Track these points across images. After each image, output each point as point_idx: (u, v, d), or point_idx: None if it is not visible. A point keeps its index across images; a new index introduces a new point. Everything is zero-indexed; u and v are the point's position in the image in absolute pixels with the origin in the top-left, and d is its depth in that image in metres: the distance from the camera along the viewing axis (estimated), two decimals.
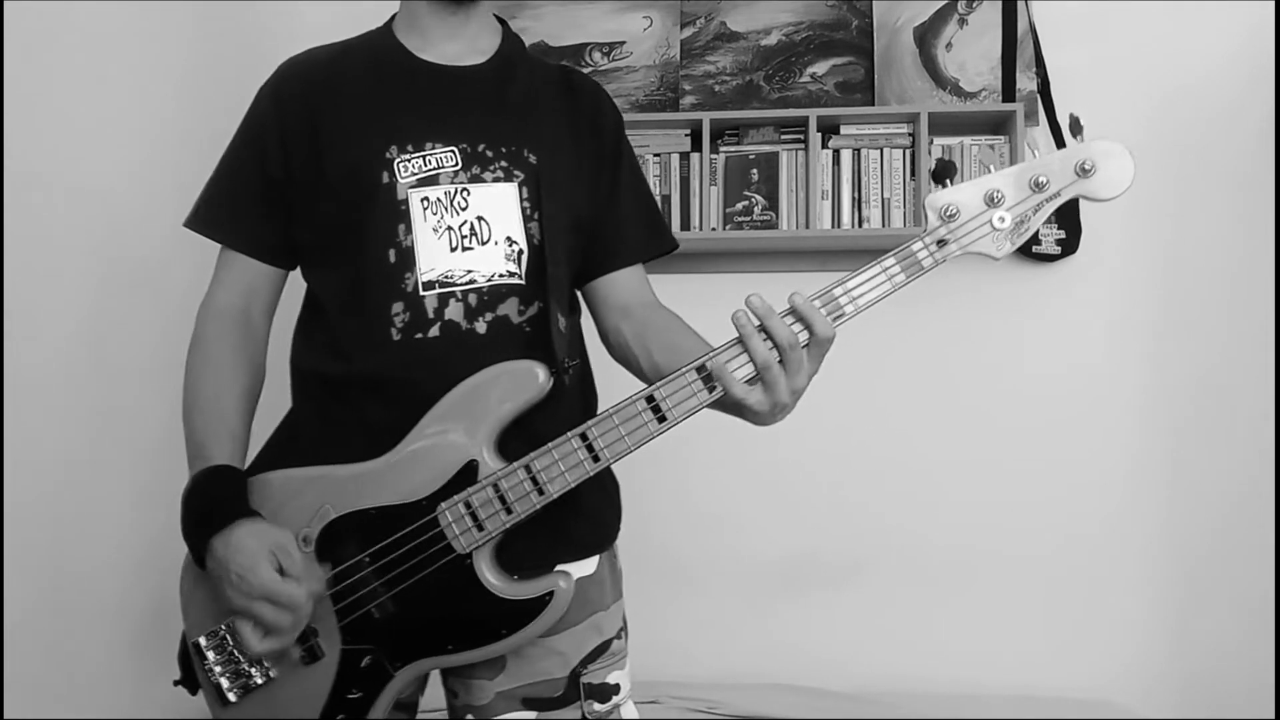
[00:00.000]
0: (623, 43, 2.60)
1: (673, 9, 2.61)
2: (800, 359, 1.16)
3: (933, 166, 1.24)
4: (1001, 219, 1.18)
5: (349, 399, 1.28)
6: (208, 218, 1.38)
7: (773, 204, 2.50)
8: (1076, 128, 1.18)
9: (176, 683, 1.29)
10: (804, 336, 1.16)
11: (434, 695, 1.41)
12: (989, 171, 1.20)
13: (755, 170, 2.50)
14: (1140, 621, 2.51)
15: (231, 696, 1.23)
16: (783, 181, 2.50)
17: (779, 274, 2.59)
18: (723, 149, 2.52)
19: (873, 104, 2.51)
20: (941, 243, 1.19)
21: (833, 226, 2.46)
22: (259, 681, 1.23)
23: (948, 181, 1.20)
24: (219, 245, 1.39)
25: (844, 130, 2.48)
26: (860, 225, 2.46)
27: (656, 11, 2.61)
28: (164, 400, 2.08)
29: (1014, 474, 2.55)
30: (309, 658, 1.23)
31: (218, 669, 1.24)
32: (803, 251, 2.59)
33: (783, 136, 2.51)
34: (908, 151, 2.44)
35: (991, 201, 1.18)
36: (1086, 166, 1.17)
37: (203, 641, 1.25)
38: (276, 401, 1.39)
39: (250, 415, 1.34)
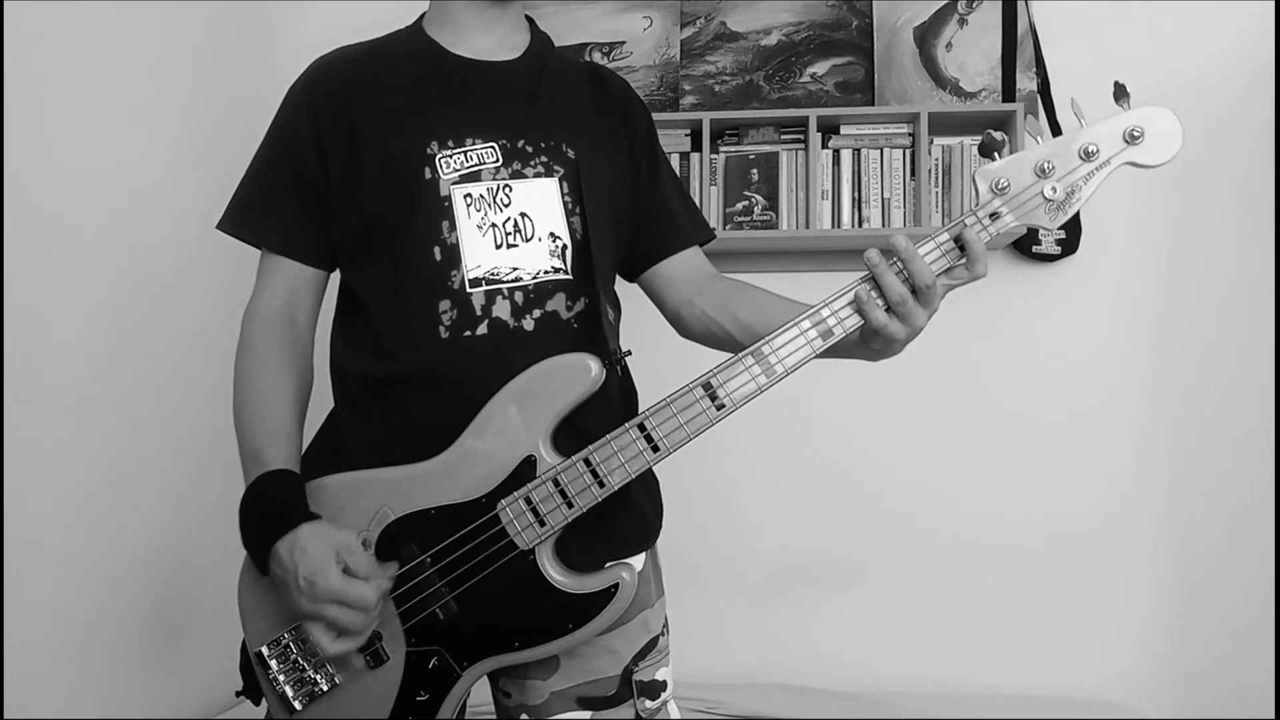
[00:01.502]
0: (623, 43, 2.60)
1: (673, 9, 2.61)
2: (935, 294, 1.15)
3: (980, 141, 1.22)
4: (1053, 189, 1.17)
5: (394, 399, 1.26)
6: (243, 221, 1.34)
7: (773, 204, 2.50)
8: (1122, 94, 1.15)
9: (239, 694, 1.26)
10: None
11: (477, 694, 1.39)
12: (1037, 143, 1.20)
13: (755, 170, 2.51)
14: (1141, 621, 2.53)
15: (297, 705, 1.20)
16: (783, 181, 2.50)
17: (779, 274, 2.58)
18: (723, 149, 2.53)
19: (873, 104, 2.52)
20: (995, 215, 1.17)
21: (833, 226, 2.47)
22: (324, 688, 1.20)
23: (995, 155, 1.18)
24: (249, 248, 1.36)
25: (844, 130, 2.49)
26: (860, 225, 2.47)
27: (656, 11, 2.61)
28: (174, 406, 2.07)
29: (1014, 474, 2.56)
30: (374, 661, 1.20)
31: (281, 677, 1.21)
32: (803, 251, 2.60)
33: (783, 136, 2.52)
34: (908, 151, 2.46)
35: (1042, 173, 1.17)
36: (1135, 133, 1.16)
37: (265, 651, 1.22)
38: (313, 403, 1.36)
39: (302, 418, 1.31)
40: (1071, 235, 2.50)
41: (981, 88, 2.49)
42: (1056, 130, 2.45)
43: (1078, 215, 2.49)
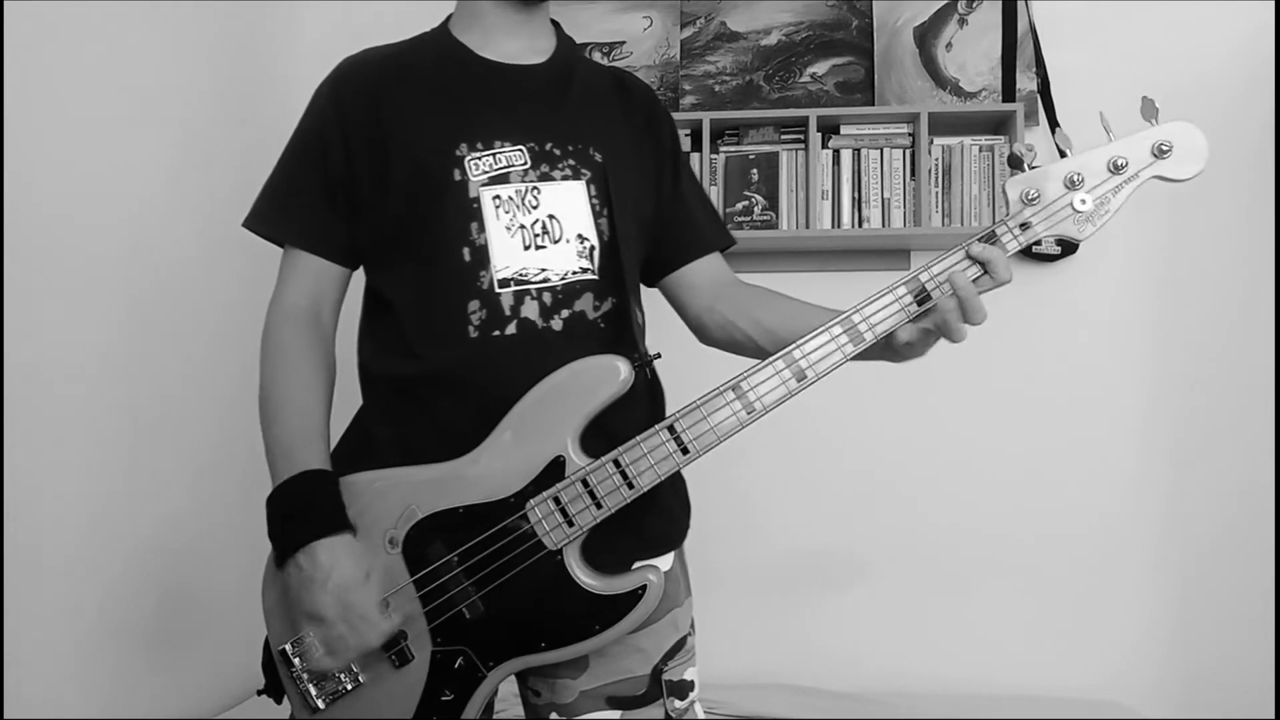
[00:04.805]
0: (623, 43, 2.60)
1: (673, 9, 2.61)
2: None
3: (1006, 154, 1.24)
4: (1083, 201, 1.20)
5: (423, 399, 1.26)
6: (270, 219, 1.34)
7: (773, 204, 2.50)
8: (1150, 110, 1.18)
9: (260, 692, 1.25)
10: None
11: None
12: (1066, 155, 1.21)
13: (755, 170, 2.51)
14: (1142, 622, 2.54)
15: (320, 703, 1.20)
16: (783, 181, 2.51)
17: (779, 274, 2.57)
18: (723, 149, 2.53)
19: (873, 104, 2.53)
20: (1025, 225, 1.20)
21: (833, 226, 2.48)
22: (348, 687, 1.20)
23: (1024, 167, 1.20)
24: (259, 249, 1.36)
25: (844, 130, 2.50)
26: (860, 225, 2.48)
27: (656, 11, 2.61)
28: (183, 408, 2.06)
29: (1014, 475, 2.57)
30: (399, 661, 1.19)
31: (305, 676, 1.20)
32: (803, 251, 2.60)
33: (783, 136, 2.53)
34: (908, 151, 2.47)
35: (1071, 184, 1.20)
36: (1164, 147, 1.19)
37: (289, 649, 1.21)
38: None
39: (329, 415, 1.30)
40: None
41: (981, 88, 2.50)
42: (1055, 129, 2.46)
43: None
